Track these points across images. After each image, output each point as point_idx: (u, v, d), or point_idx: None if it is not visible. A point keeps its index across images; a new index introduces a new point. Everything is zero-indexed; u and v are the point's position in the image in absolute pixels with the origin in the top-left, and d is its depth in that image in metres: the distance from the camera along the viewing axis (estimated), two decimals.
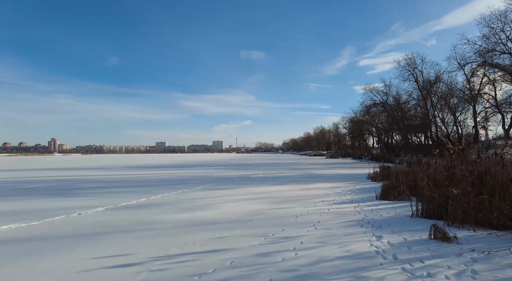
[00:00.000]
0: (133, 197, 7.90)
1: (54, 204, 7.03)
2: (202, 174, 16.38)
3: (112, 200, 7.52)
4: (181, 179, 13.16)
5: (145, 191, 9.24)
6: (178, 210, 6.18)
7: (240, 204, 6.90)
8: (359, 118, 48.04)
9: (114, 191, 9.20)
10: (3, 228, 4.82)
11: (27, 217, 5.61)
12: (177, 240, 4.11)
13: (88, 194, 8.56)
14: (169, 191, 9.09)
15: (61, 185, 11.12)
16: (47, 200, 7.55)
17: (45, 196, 8.34)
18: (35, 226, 4.97)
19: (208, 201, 7.27)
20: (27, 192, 9.10)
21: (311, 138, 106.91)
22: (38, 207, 6.60)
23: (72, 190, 9.49)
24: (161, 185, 10.75)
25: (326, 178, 13.18)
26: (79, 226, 4.94)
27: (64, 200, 7.60)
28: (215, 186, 10.55)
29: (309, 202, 7.02)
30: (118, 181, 12.41)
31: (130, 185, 11.01)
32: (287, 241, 4.01)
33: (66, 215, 5.74)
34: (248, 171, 18.24)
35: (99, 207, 6.54)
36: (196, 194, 8.58)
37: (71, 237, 4.29)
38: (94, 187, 10.46)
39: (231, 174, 15.89)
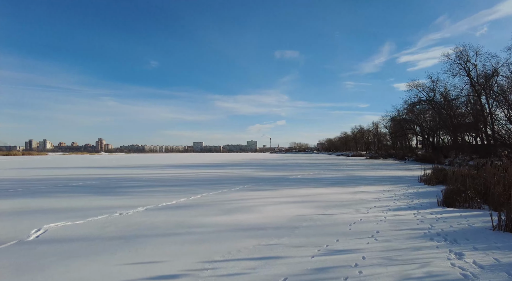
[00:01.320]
0: (173, 197, 7.79)
1: (98, 202, 7.10)
2: (239, 174, 16.16)
3: (153, 199, 7.45)
4: (219, 179, 13.01)
5: (185, 190, 9.13)
6: (219, 212, 5.87)
7: (283, 207, 6.42)
8: (402, 117, 45.14)
9: (155, 190, 9.20)
10: (51, 226, 4.83)
11: (73, 215, 5.64)
12: (221, 247, 3.75)
13: (130, 193, 8.63)
14: (208, 191, 8.89)
15: (106, 183, 11.47)
16: (91, 198, 7.69)
17: (90, 194, 8.54)
18: (80, 225, 4.92)
19: (249, 203, 6.90)
20: (75, 189, 9.43)
21: (349, 138, 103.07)
22: (83, 205, 6.68)
23: (115, 189, 9.68)
24: (200, 185, 10.63)
25: (372, 181, 12.22)
26: (120, 227, 4.80)
27: (107, 198, 7.68)
28: (253, 186, 10.18)
29: (360, 208, 6.34)
30: (158, 180, 12.57)
31: (170, 184, 11.04)
32: (346, 255, 3.46)
33: (108, 215, 5.68)
34: (286, 172, 17.70)
35: (140, 207, 6.45)
36: (236, 195, 8.26)
37: (112, 239, 4.12)
38: (136, 185, 10.62)
39: (268, 175, 15.47)
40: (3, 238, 4.16)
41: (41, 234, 4.35)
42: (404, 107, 41.55)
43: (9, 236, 4.23)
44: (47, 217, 5.49)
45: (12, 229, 4.62)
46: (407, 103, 37.78)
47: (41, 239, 4.12)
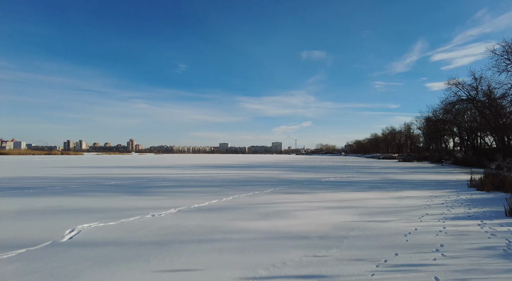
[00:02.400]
0: (204, 198, 7.53)
1: (129, 203, 6.98)
2: (268, 175, 15.75)
3: (184, 201, 7.23)
4: (248, 180, 12.67)
5: (215, 191, 8.87)
6: (255, 217, 5.48)
7: (324, 213, 5.91)
8: (438, 117, 42.49)
9: (186, 191, 9.02)
10: (84, 226, 4.69)
11: (105, 216, 5.51)
12: (263, 258, 3.34)
13: (161, 194, 8.50)
14: (239, 193, 8.56)
15: (137, 183, 11.52)
16: (123, 198, 7.61)
17: (122, 193, 8.51)
18: (112, 226, 4.74)
19: (285, 207, 6.45)
20: (107, 189, 9.49)
21: (379, 139, 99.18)
22: (115, 206, 6.58)
23: (146, 189, 9.63)
24: (230, 186, 10.35)
25: (413, 185, 11.31)
26: (153, 230, 4.54)
27: (139, 199, 7.57)
28: (286, 189, 9.72)
29: (410, 216, 5.68)
30: (188, 181, 12.47)
31: (200, 184, 10.86)
32: (413, 273, 2.92)
33: (140, 216, 5.49)
34: (317, 174, 17.03)
35: (172, 209, 6.23)
36: (269, 197, 7.85)
37: (145, 244, 3.86)
38: (167, 186, 10.53)
39: (299, 177, 14.92)
40: (38, 238, 4.04)
41: (75, 236, 4.19)
42: (440, 106, 39.04)
43: (43, 237, 4.11)
44: (80, 217, 5.39)
45: (47, 229, 4.52)
46: (445, 102, 35.31)
47: (74, 241, 3.95)
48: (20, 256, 3.37)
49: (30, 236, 4.17)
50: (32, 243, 3.81)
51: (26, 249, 3.58)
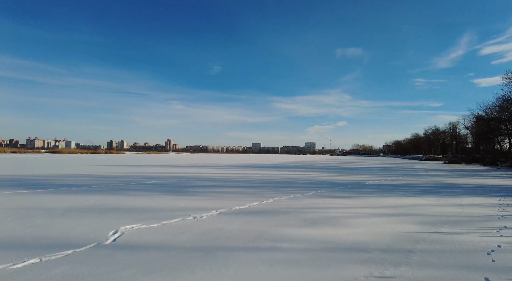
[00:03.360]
0: (245, 200, 7.24)
1: (170, 203, 6.89)
2: (305, 177, 15.18)
3: (224, 202, 7.00)
4: (286, 182, 12.24)
5: (254, 193, 8.56)
6: (302, 223, 5.05)
7: (379, 221, 5.31)
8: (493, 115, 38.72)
9: (225, 192, 8.82)
10: (127, 228, 4.59)
11: (147, 216, 5.41)
12: (321, 274, 2.92)
13: (201, 194, 8.36)
14: (279, 195, 8.16)
15: (176, 182, 11.59)
16: (164, 198, 7.57)
17: (162, 193, 8.51)
18: (154, 229, 4.59)
19: (333, 213, 5.94)
20: (148, 188, 9.59)
21: (421, 140, 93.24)
22: (156, 206, 6.51)
23: (186, 188, 9.59)
24: (268, 187, 9.99)
25: (473, 190, 10.13)
26: (196, 234, 4.30)
27: (179, 199, 7.48)
28: (328, 192, 9.14)
29: (484, 228, 4.90)
30: (226, 180, 12.33)
31: (238, 185, 10.64)
32: None
33: (182, 218, 5.31)
34: (358, 176, 16.13)
35: (213, 210, 6.00)
36: (312, 201, 7.36)
37: (189, 250, 3.60)
38: (206, 185, 10.44)
39: (339, 179, 14.17)
40: (83, 238, 3.97)
41: (118, 238, 4.07)
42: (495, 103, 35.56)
43: (89, 237, 4.04)
44: (123, 217, 5.34)
45: (92, 230, 4.47)
46: (502, 99, 32.07)
47: (118, 244, 3.81)
48: (66, 258, 3.26)
49: (76, 236, 4.12)
50: (78, 244, 3.73)
51: (72, 251, 3.49)
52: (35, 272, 2.88)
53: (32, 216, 5.34)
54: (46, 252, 3.43)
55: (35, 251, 3.46)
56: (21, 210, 5.79)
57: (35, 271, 2.92)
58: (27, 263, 3.12)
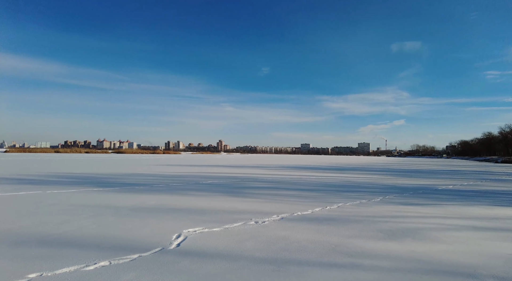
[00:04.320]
0: (306, 205, 6.75)
1: (229, 204, 6.70)
2: (366, 180, 14.06)
3: (284, 206, 6.59)
4: (347, 185, 11.39)
5: (314, 197, 8.00)
6: (379, 235, 4.40)
7: (475, 236, 4.41)
8: None
9: (282, 195, 8.41)
10: (189, 232, 4.44)
11: (208, 219, 5.24)
12: None
13: (259, 196, 8.07)
14: (343, 200, 7.49)
15: (232, 182, 11.53)
16: (222, 199, 7.42)
17: (220, 194, 8.41)
18: (217, 234, 4.35)
19: (413, 224, 5.14)
20: (206, 188, 9.62)
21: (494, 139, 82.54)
22: (216, 207, 6.35)
23: (242, 189, 9.41)
24: (328, 191, 9.34)
25: None
26: (261, 242, 3.95)
27: (237, 200, 7.27)
28: (398, 198, 8.18)
29: None
30: (281, 182, 11.93)
31: (295, 187, 10.15)
32: None
33: (243, 222, 5.03)
34: (426, 180, 14.48)
35: (274, 215, 5.63)
36: (382, 208, 6.57)
37: (257, 261, 3.25)
38: (261, 187, 10.16)
39: (405, 183, 12.82)
40: (148, 242, 3.88)
41: (182, 242, 3.90)
42: None
43: (153, 241, 3.94)
44: (185, 219, 5.24)
45: (156, 232, 4.39)
46: None
47: (182, 250, 3.62)
48: (134, 263, 3.15)
49: (142, 238, 4.06)
50: (143, 248, 3.63)
51: (138, 255, 3.38)
52: (104, 277, 2.78)
53: (101, 214, 5.53)
54: (115, 255, 3.38)
55: (105, 253, 3.43)
56: (92, 208, 6.08)
57: (104, 275, 2.82)
58: (98, 266, 3.06)
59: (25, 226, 4.59)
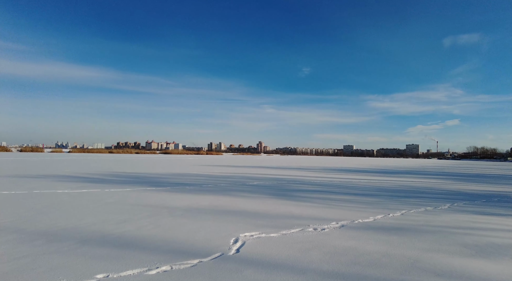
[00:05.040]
0: (366, 211, 6.21)
1: (282, 208, 6.41)
2: (424, 184, 12.85)
3: (342, 212, 6.13)
4: (404, 190, 10.45)
5: (372, 203, 7.38)
6: (465, 250, 3.77)
7: None
8: None
9: (336, 199, 7.90)
10: (246, 236, 4.23)
11: (263, 223, 5.00)
12: None
13: (311, 200, 7.67)
14: (405, 207, 6.80)
15: (279, 184, 11.24)
16: (274, 202, 7.16)
17: (270, 196, 8.16)
18: (275, 240, 4.08)
19: (503, 239, 4.39)
20: (254, 189, 9.44)
21: None
22: (269, 211, 6.10)
23: (292, 192, 9.07)
24: (385, 196, 8.60)
25: None
26: (327, 253, 3.59)
27: (290, 204, 6.95)
28: (470, 206, 7.22)
29: None
30: (331, 185, 11.35)
31: (348, 192, 9.55)
32: None
33: (301, 229, 4.70)
34: (496, 186, 12.82)
35: (333, 222, 5.21)
36: (455, 217, 5.79)
37: (329, 276, 2.91)
38: (311, 190, 9.72)
39: (472, 189, 11.44)
40: (207, 246, 3.74)
41: (241, 248, 3.69)
42: None
43: (211, 245, 3.79)
44: (239, 222, 5.06)
45: (213, 235, 4.25)
46: None
47: (242, 256, 3.41)
48: (195, 269, 3.00)
49: (199, 241, 3.93)
50: (202, 253, 3.49)
51: (198, 260, 3.24)
52: None
53: (157, 214, 5.58)
54: (175, 259, 3.27)
55: (165, 256, 3.34)
56: (147, 208, 6.19)
57: None
58: (160, 271, 2.95)
59: (89, 223, 4.75)
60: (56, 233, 4.20)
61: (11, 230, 4.34)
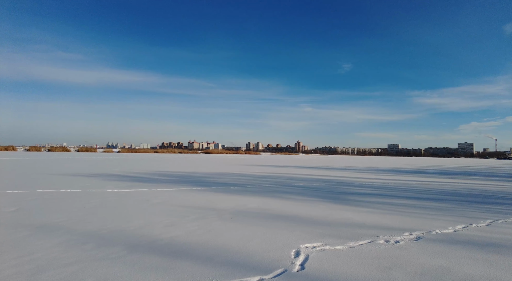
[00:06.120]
0: (440, 220, 5.29)
1: (339, 213, 5.72)
2: (497, 188, 11.18)
3: (411, 220, 5.28)
4: (476, 195, 9.08)
5: (445, 209, 6.38)
6: None
7: None
8: None
9: (399, 204, 6.98)
10: (307, 248, 3.66)
11: (324, 232, 4.39)
12: None
13: (368, 204, 6.86)
14: (490, 216, 5.72)
15: (326, 186, 10.48)
16: (328, 206, 6.49)
17: (322, 199, 7.48)
18: (343, 253, 3.46)
19: None
20: (302, 191, 8.82)
21: None
22: (326, 217, 5.46)
23: (343, 195, 8.29)
24: (456, 201, 7.45)
25: None
26: (413, 274, 2.89)
27: (346, 209, 6.23)
28: None
29: None
30: (386, 188, 10.31)
31: (409, 196, 8.51)
32: None
33: (370, 241, 4.01)
34: None
35: (405, 232, 4.44)
36: None
37: None
38: (366, 193, 8.83)
39: None
40: (266, 259, 3.24)
41: (305, 263, 3.14)
42: None
43: (271, 258, 3.28)
44: (296, 229, 4.50)
45: (270, 245, 3.74)
46: None
47: (310, 274, 2.85)
48: None
49: (255, 252, 3.45)
50: (262, 267, 2.99)
51: (259, 278, 2.75)
52: None
53: (205, 217, 5.24)
54: (232, 274, 2.81)
55: (220, 269, 2.90)
56: (194, 209, 5.89)
57: None
58: None
59: (137, 227, 4.52)
60: (105, 236, 4.00)
61: (64, 230, 4.25)
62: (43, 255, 3.26)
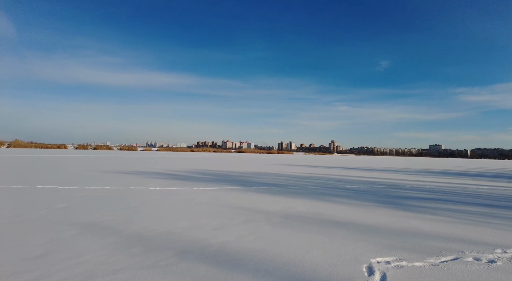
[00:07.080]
0: (506, 232, 4.43)
1: (403, 221, 5.04)
2: None
3: (496, 232, 4.47)
4: None
5: (504, 217, 5.41)
6: None
7: None
8: None
9: (472, 212, 6.07)
10: (380, 262, 3.11)
11: (393, 244, 3.78)
12: None
13: (434, 211, 6.04)
14: None
15: (376, 189, 9.66)
16: (386, 212, 5.81)
17: (376, 203, 6.78)
18: (425, 273, 2.86)
19: None
20: (350, 195, 8.14)
21: None
22: (388, 225, 4.81)
23: (399, 199, 7.49)
24: None
25: None
26: None
27: (409, 216, 5.50)
28: None
29: None
30: (443, 192, 9.25)
31: (476, 202, 7.47)
32: None
33: (455, 257, 3.35)
34: None
35: (497, 249, 3.69)
36: None
37: None
38: (424, 198, 7.93)
39: None
40: (335, 276, 2.75)
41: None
42: None
43: (340, 274, 2.78)
44: (359, 239, 3.94)
45: (334, 257, 3.24)
46: None
47: None
48: None
49: (320, 266, 2.97)
50: None
51: None
52: None
53: (253, 220, 4.86)
54: None
55: None
56: (241, 211, 5.55)
57: None
58: None
59: (184, 229, 4.25)
60: (151, 239, 3.75)
61: (111, 231, 4.08)
62: (92, 258, 3.06)
